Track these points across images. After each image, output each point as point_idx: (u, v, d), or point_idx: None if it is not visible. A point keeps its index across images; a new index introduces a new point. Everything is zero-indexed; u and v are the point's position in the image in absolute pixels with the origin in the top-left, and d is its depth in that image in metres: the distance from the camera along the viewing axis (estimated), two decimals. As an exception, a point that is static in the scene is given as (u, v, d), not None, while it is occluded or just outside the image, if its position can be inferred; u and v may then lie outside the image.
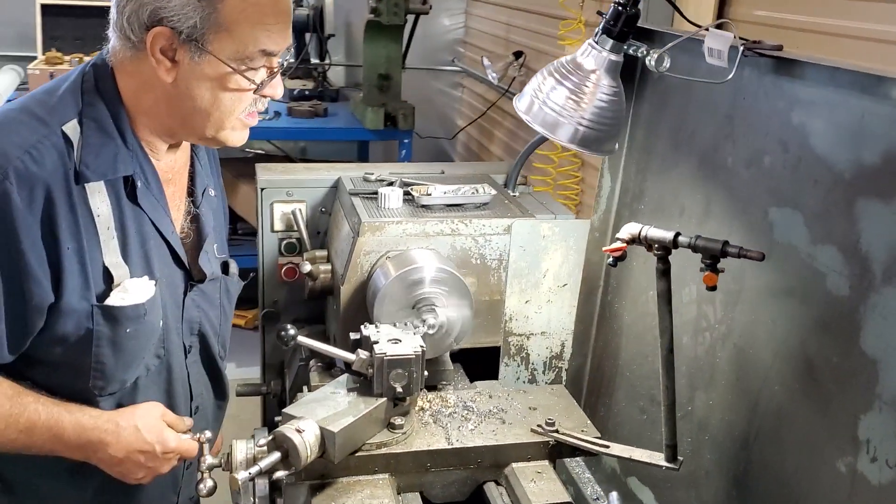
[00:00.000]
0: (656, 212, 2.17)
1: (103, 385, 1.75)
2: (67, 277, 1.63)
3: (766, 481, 1.75)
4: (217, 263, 1.99)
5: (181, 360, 1.92)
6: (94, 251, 1.67)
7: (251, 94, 1.71)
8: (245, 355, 4.89)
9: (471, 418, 1.96)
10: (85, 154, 1.64)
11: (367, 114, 4.71)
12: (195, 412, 2.01)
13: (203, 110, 1.68)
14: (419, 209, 2.30)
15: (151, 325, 1.77)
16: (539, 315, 2.34)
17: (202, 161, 2.00)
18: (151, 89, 1.69)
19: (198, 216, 1.94)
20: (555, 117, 1.76)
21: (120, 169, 1.69)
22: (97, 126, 1.67)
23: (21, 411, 1.67)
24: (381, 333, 1.87)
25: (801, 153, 1.66)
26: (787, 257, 1.70)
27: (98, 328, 1.69)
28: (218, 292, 2.00)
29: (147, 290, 1.74)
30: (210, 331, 1.98)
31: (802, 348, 1.65)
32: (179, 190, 1.91)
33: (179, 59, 1.63)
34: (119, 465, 1.76)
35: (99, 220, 1.67)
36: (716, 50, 1.71)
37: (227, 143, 1.77)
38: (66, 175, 1.61)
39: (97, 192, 1.66)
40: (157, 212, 1.78)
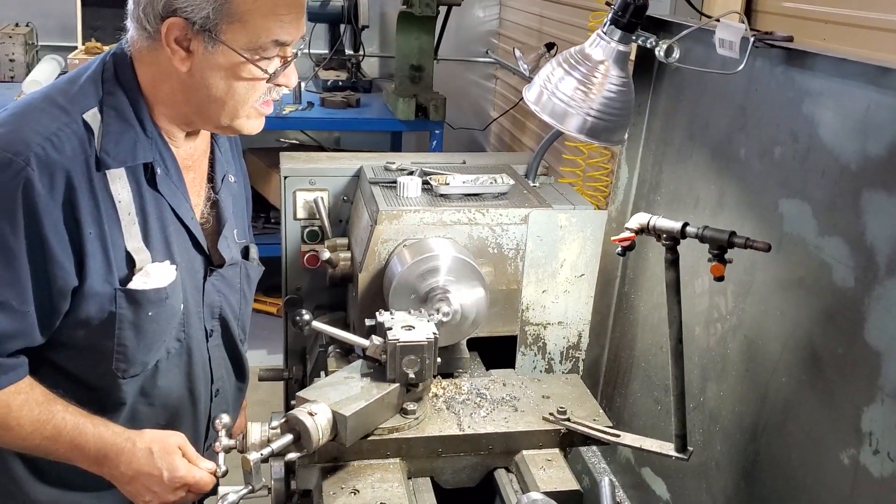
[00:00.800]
0: (672, 203, 2.18)
1: (125, 367, 1.79)
2: (90, 261, 1.67)
3: (773, 474, 1.75)
4: (237, 248, 2.02)
5: (202, 344, 1.96)
6: (116, 236, 1.71)
7: (265, 84, 1.73)
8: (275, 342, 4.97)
9: (483, 405, 1.98)
10: (105, 141, 1.68)
11: (398, 104, 4.74)
12: (216, 395, 2.05)
13: (218, 99, 1.72)
14: (437, 198, 2.32)
15: (172, 308, 1.81)
16: (556, 305, 2.35)
17: (222, 148, 2.03)
18: (168, 78, 1.73)
19: (217, 202, 1.97)
20: (563, 107, 1.77)
21: (139, 156, 1.73)
22: (117, 114, 1.71)
23: (49, 418, 1.71)
24: (395, 320, 1.90)
25: (811, 144, 1.66)
26: (795, 248, 1.69)
27: (121, 311, 1.73)
28: (238, 277, 2.03)
29: (168, 274, 1.78)
30: (230, 315, 2.02)
31: (809, 340, 1.65)
32: (199, 176, 1.95)
33: (194, 48, 1.66)
34: (129, 483, 1.78)
35: (120, 206, 1.71)
36: (727, 41, 1.71)
37: (241, 131, 1.80)
38: (87, 162, 1.66)
39: (118, 178, 1.70)
40: (176, 198, 1.82)
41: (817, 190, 1.63)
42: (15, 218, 1.58)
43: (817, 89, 1.64)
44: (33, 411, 1.70)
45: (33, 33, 5.21)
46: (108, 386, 1.80)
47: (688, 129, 2.13)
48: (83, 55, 4.85)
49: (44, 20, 5.39)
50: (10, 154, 1.58)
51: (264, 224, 5.10)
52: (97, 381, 1.79)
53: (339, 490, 1.73)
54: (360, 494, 1.72)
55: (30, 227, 1.60)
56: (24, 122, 1.64)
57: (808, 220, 1.66)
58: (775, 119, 1.77)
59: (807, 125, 1.66)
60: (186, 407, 1.96)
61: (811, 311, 1.65)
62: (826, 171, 1.60)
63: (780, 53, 1.72)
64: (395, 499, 1.70)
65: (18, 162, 1.58)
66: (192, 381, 1.95)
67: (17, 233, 1.59)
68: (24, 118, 1.65)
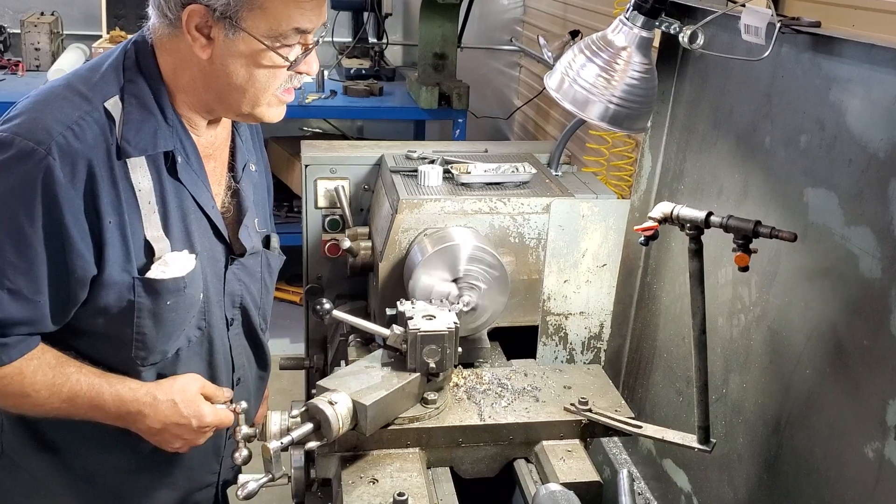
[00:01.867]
0: (695, 192, 2.15)
1: (145, 355, 1.80)
2: (109, 250, 1.68)
3: (796, 466, 1.73)
4: (258, 238, 2.02)
5: (223, 333, 1.96)
6: (136, 225, 1.72)
7: (286, 71, 1.73)
8: (297, 331, 4.99)
9: (504, 395, 1.97)
10: (126, 130, 1.68)
11: (421, 93, 4.72)
12: (237, 383, 2.06)
13: (238, 87, 1.72)
14: (458, 187, 2.31)
15: (191, 297, 1.82)
16: (577, 295, 2.34)
17: (243, 136, 2.03)
18: (189, 66, 1.72)
19: (238, 191, 1.97)
20: (585, 95, 1.75)
21: (160, 144, 1.73)
22: (138, 102, 1.71)
23: (64, 381, 1.73)
24: (415, 309, 1.90)
25: (837, 132, 1.62)
26: (821, 238, 1.67)
27: (139, 300, 1.74)
28: (259, 266, 2.03)
29: (187, 263, 1.79)
30: (251, 304, 2.02)
31: (834, 331, 1.63)
32: (220, 165, 1.95)
33: (214, 36, 1.66)
34: (157, 434, 1.82)
35: (140, 195, 1.71)
36: (752, 27, 1.68)
37: (263, 119, 1.80)
38: (108, 150, 1.66)
39: (138, 167, 1.70)
40: (197, 187, 1.82)
41: (844, 179, 1.60)
42: (33, 207, 1.59)
43: (845, 76, 1.61)
44: (47, 375, 1.71)
45: (58, 22, 5.25)
46: (128, 373, 1.81)
47: (712, 117, 2.10)
48: (108, 44, 4.88)
49: (68, 9, 5.42)
50: (32, 143, 1.58)
51: (287, 213, 5.11)
52: (118, 368, 1.80)
53: (359, 479, 1.73)
54: (379, 484, 1.72)
55: (49, 215, 1.61)
56: (45, 110, 1.64)
57: (835, 210, 1.63)
58: (801, 106, 1.73)
59: (834, 113, 1.63)
60: None
61: (836, 302, 1.62)
62: (853, 160, 1.57)
63: (807, 39, 1.69)
64: (414, 488, 1.70)
65: (40, 151, 1.58)
66: (213, 370, 1.96)
67: (34, 222, 1.60)
68: (46, 106, 1.65)
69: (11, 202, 1.60)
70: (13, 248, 1.61)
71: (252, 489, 1.67)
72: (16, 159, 1.58)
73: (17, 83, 4.78)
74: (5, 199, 1.60)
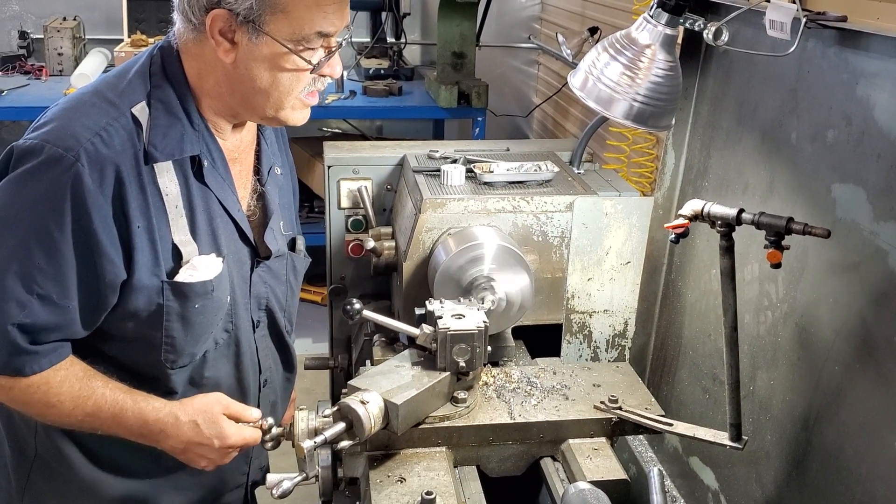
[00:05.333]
0: (720, 189, 2.14)
1: (174, 358, 1.82)
2: (138, 255, 1.69)
3: (825, 463, 1.72)
4: (283, 240, 2.03)
5: (249, 335, 1.98)
6: (164, 229, 1.73)
7: (309, 75, 1.74)
8: (320, 331, 5.01)
9: (534, 394, 1.97)
10: (153, 135, 1.69)
11: (440, 92, 4.72)
12: (264, 385, 2.07)
13: (263, 90, 1.73)
14: (481, 186, 2.31)
15: (219, 300, 1.83)
16: (601, 293, 2.33)
17: (268, 140, 2.04)
18: (213, 70, 1.74)
19: (263, 194, 1.98)
20: (609, 93, 1.74)
21: (187, 149, 1.74)
22: (164, 108, 1.72)
23: (89, 394, 1.74)
24: (445, 309, 1.90)
25: (865, 127, 1.61)
26: (849, 234, 1.66)
27: (168, 303, 1.75)
28: (284, 269, 2.04)
29: (215, 267, 1.80)
30: (276, 306, 2.03)
31: (863, 327, 1.62)
32: (246, 168, 1.96)
33: (238, 40, 1.67)
34: (181, 454, 1.83)
35: (167, 199, 1.72)
36: (778, 22, 1.67)
37: (287, 122, 1.81)
38: (136, 156, 1.67)
39: (165, 171, 1.72)
40: (223, 190, 1.83)
41: (872, 174, 1.59)
42: (63, 213, 1.61)
43: (873, 70, 1.60)
44: (73, 387, 1.72)
45: (80, 27, 5.28)
46: (158, 376, 1.83)
47: (736, 113, 2.09)
48: (129, 48, 4.91)
49: (90, 13, 5.46)
50: (60, 150, 1.60)
51: (308, 213, 5.12)
52: (148, 371, 1.82)
53: (386, 478, 1.74)
54: (407, 483, 1.72)
55: (78, 221, 1.62)
56: (74, 117, 1.66)
57: (863, 206, 1.62)
58: (828, 101, 1.72)
59: (861, 107, 1.62)
60: (235, 396, 1.97)
61: (866, 298, 1.62)
62: (882, 155, 1.56)
63: (833, 34, 1.68)
64: (441, 487, 1.70)
65: (69, 157, 1.60)
66: (240, 371, 1.97)
67: (63, 228, 1.62)
68: (75, 113, 1.67)
69: (41, 208, 1.61)
70: (43, 254, 1.62)
71: (287, 488, 1.68)
72: (45, 166, 1.60)
73: (40, 88, 4.82)
74: (35, 206, 1.62)
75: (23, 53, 5.28)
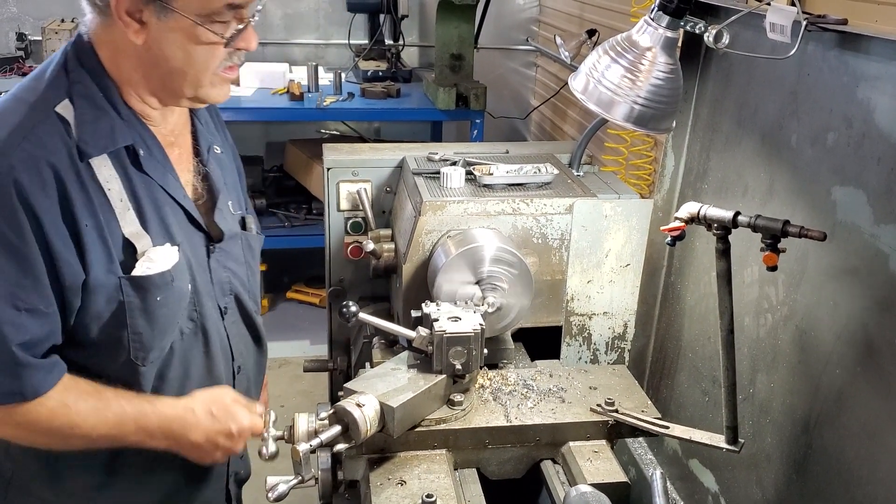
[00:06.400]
0: (720, 191, 2.14)
1: (144, 355, 1.77)
2: (90, 254, 1.64)
3: (826, 466, 1.72)
4: (234, 220, 1.99)
5: (217, 322, 1.93)
6: (113, 224, 1.68)
7: (224, 49, 1.70)
8: (319, 333, 5.01)
9: (530, 396, 1.97)
10: (82, 131, 1.64)
11: (438, 94, 4.72)
12: (238, 372, 2.02)
13: (178, 70, 1.68)
14: (481, 188, 2.31)
15: (180, 290, 1.79)
16: (601, 295, 2.33)
17: (203, 120, 1.99)
18: (127, 55, 1.69)
19: (208, 174, 1.93)
20: (610, 96, 1.74)
21: (119, 140, 1.69)
22: (89, 102, 1.67)
23: (106, 405, 1.71)
24: (441, 311, 1.90)
25: (866, 130, 1.62)
26: (850, 237, 1.66)
27: (129, 300, 1.70)
28: (241, 249, 2.00)
29: (171, 256, 1.75)
30: (241, 288, 1.99)
31: (864, 331, 1.62)
32: (185, 151, 1.91)
33: (146, 19, 1.62)
34: (198, 448, 1.81)
35: (111, 194, 1.68)
36: (778, 25, 1.68)
37: (209, 100, 1.77)
38: (70, 154, 1.62)
39: (103, 166, 1.67)
40: (164, 177, 1.78)
41: (873, 177, 1.59)
42: (18, 221, 1.57)
43: (873, 73, 1.60)
44: (89, 402, 1.70)
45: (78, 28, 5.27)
46: (127, 375, 1.79)
47: (736, 116, 2.09)
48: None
49: (88, 15, 5.44)
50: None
51: (307, 215, 5.13)
52: (117, 373, 1.77)
53: (386, 481, 1.74)
54: (407, 485, 1.72)
55: (33, 226, 1.58)
56: None
57: (863, 208, 1.62)
58: (828, 104, 1.73)
59: (862, 110, 1.62)
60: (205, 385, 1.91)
61: (866, 301, 1.62)
62: (882, 158, 1.56)
63: (834, 37, 1.68)
64: (441, 490, 1.70)
65: (3, 166, 1.56)
66: (210, 360, 1.92)
67: (24, 236, 1.58)
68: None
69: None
70: (14, 268, 1.59)
71: (282, 491, 1.68)
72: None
73: (37, 89, 4.81)
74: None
75: (21, 55, 5.28)
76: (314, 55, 5.82)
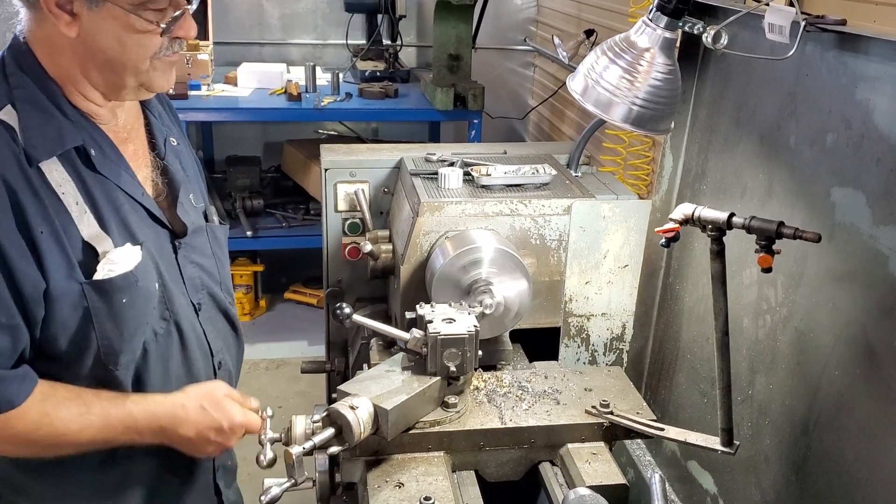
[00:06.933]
0: (718, 192, 2.14)
1: (115, 359, 1.73)
2: (49, 261, 1.60)
3: (826, 468, 1.71)
4: (197, 213, 1.94)
5: (192, 320, 1.88)
6: (70, 229, 1.63)
7: (161, 38, 1.64)
8: (315, 333, 5.00)
9: (525, 398, 1.97)
10: (28, 136, 1.59)
11: (436, 94, 4.71)
12: (218, 368, 1.98)
13: (115, 61, 1.63)
14: (479, 189, 2.30)
15: (146, 290, 1.73)
16: (599, 296, 2.33)
17: (156, 112, 1.94)
18: (63, 51, 1.64)
19: (166, 168, 1.88)
20: (608, 97, 1.74)
21: (68, 141, 1.64)
22: (32, 105, 1.62)
23: (87, 409, 1.68)
24: (435, 313, 1.89)
25: (865, 131, 1.61)
26: (849, 238, 1.65)
27: (94, 305, 1.65)
28: (207, 242, 1.96)
29: (133, 256, 1.70)
30: (212, 282, 1.95)
31: (864, 333, 1.61)
32: (140, 146, 1.85)
33: (77, 10, 1.57)
34: (190, 443, 1.79)
35: (65, 198, 1.63)
36: (776, 25, 1.67)
37: (153, 88, 1.71)
38: (18, 160, 1.58)
39: (54, 170, 1.62)
40: (120, 176, 1.72)
41: (872, 178, 1.59)
42: None
43: (872, 74, 1.59)
44: (70, 409, 1.66)
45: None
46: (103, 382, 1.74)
47: (734, 117, 2.08)
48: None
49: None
50: None
51: (304, 216, 5.12)
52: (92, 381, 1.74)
53: (384, 483, 1.73)
54: (405, 488, 1.72)
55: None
56: None
57: (862, 210, 1.61)
58: (827, 105, 1.72)
59: (861, 111, 1.62)
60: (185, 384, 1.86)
61: (866, 303, 1.61)
62: (882, 159, 1.56)
63: (833, 37, 1.67)
64: (439, 492, 1.69)
65: None
66: (188, 359, 1.88)
67: None
68: None
69: None
70: None
71: (275, 494, 1.67)
72: None
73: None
74: None
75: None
76: (312, 55, 5.81)
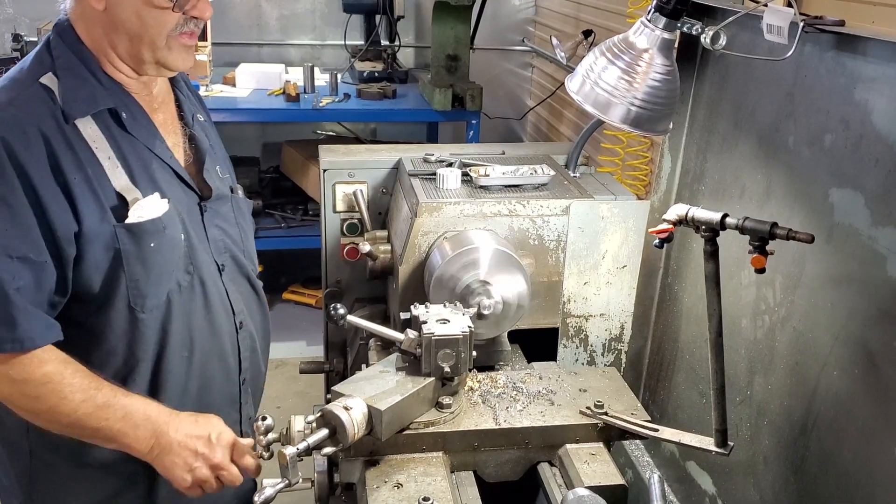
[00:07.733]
0: (716, 193, 2.14)
1: (142, 302, 1.85)
2: (82, 205, 1.74)
3: (824, 469, 1.71)
4: (223, 183, 2.08)
5: (215, 278, 2.00)
6: (103, 179, 1.78)
7: (175, 13, 1.78)
8: (314, 334, 5.00)
9: (519, 399, 1.96)
10: (66, 97, 1.75)
11: (434, 95, 4.71)
12: (240, 327, 2.07)
13: (134, 34, 1.78)
14: (477, 190, 2.30)
15: (173, 238, 1.87)
16: (598, 297, 2.33)
17: (184, 91, 2.09)
18: (95, 24, 1.80)
19: (194, 136, 2.03)
20: (607, 97, 1.74)
21: (101, 103, 1.80)
22: (71, 73, 1.79)
23: (98, 387, 1.77)
24: (429, 313, 1.88)
25: (863, 131, 1.61)
26: (847, 239, 1.65)
27: (125, 247, 1.79)
28: (231, 211, 2.08)
29: (160, 206, 1.84)
30: (235, 248, 2.07)
31: (862, 334, 1.61)
32: (170, 117, 2.01)
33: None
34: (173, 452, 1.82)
35: (98, 152, 1.78)
36: (775, 26, 1.67)
37: (168, 66, 1.85)
38: (55, 117, 1.73)
39: (88, 127, 1.77)
40: (151, 138, 1.88)
41: (870, 179, 1.59)
42: (7, 175, 1.67)
43: (871, 75, 1.59)
44: (83, 380, 1.76)
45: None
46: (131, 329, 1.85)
47: (733, 117, 2.08)
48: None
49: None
50: None
51: (303, 216, 5.12)
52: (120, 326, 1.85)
53: (383, 484, 1.73)
54: (404, 488, 1.71)
55: (23, 179, 1.68)
56: None
57: (861, 210, 1.61)
58: (825, 106, 1.72)
59: (859, 112, 1.62)
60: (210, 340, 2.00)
61: (864, 303, 1.61)
62: (880, 160, 1.56)
63: (831, 38, 1.67)
64: (438, 493, 1.69)
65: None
66: (211, 314, 1.99)
67: (14, 190, 1.67)
68: None
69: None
70: (7, 219, 1.67)
71: (269, 494, 1.67)
72: None
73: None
74: None
75: (17, 56, 5.24)
76: (310, 56, 5.81)
